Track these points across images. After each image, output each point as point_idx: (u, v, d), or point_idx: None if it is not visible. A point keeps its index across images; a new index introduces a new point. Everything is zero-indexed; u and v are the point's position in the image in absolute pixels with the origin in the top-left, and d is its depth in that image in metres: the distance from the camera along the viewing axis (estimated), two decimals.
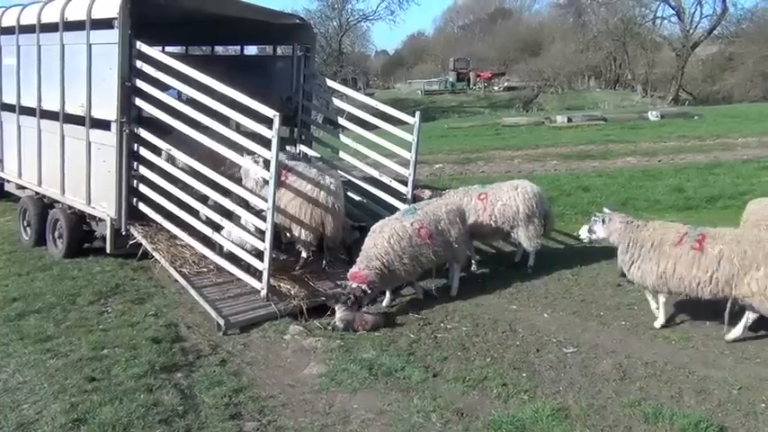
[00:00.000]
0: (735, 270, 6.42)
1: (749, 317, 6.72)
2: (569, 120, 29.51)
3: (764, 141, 21.19)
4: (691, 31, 51.56)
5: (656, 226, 7.07)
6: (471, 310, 7.72)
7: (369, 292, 7.34)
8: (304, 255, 8.46)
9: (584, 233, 7.54)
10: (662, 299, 7.09)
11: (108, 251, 9.07)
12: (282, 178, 8.00)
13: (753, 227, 7.50)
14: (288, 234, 8.44)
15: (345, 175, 10.42)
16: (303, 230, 8.22)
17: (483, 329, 7.13)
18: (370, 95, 15.72)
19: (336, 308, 7.31)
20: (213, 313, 7.23)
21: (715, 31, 51.64)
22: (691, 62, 51.53)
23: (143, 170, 8.59)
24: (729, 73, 49.52)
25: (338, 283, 7.67)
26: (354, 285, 7.28)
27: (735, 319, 6.80)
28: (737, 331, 6.76)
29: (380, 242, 7.56)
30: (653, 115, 30.40)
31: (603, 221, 7.25)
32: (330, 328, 7.18)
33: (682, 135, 23.41)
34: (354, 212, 9.65)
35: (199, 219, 8.26)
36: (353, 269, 7.48)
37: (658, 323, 7.14)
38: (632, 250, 6.97)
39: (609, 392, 5.71)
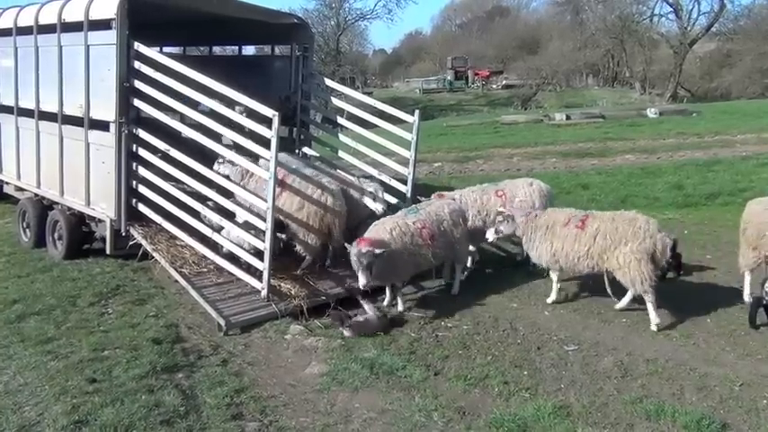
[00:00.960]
0: (607, 245, 7.12)
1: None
2: (568, 117, 29.57)
3: (763, 138, 21.22)
4: (688, 29, 51.68)
5: (550, 212, 7.78)
6: (472, 308, 7.71)
7: (378, 254, 7.06)
8: (309, 258, 8.36)
9: (490, 235, 8.05)
10: (554, 276, 7.77)
11: (108, 252, 9.06)
12: (288, 181, 8.04)
13: (757, 232, 7.45)
14: (293, 238, 8.36)
15: (345, 175, 10.42)
16: (311, 235, 8.16)
17: (484, 328, 7.12)
18: (369, 94, 15.72)
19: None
20: (214, 314, 7.23)
21: (713, 28, 51.77)
22: (689, 59, 51.59)
23: (142, 171, 8.57)
24: (727, 70, 49.61)
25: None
26: (365, 250, 7.06)
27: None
28: (624, 301, 7.42)
29: (382, 233, 7.48)
30: (651, 113, 30.45)
31: (508, 221, 7.87)
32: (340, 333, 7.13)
33: (680, 132, 23.44)
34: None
35: (199, 219, 8.25)
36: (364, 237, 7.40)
37: (550, 299, 7.83)
38: (532, 236, 7.66)
39: (610, 390, 5.71)
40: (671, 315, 7.37)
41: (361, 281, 7.04)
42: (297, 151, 10.67)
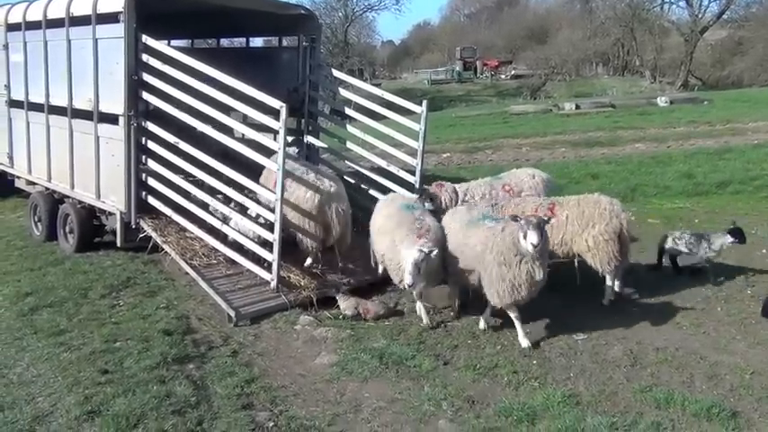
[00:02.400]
0: (575, 229, 7.21)
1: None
2: (577, 107, 29.40)
3: None
4: (699, 16, 51.11)
5: (516, 201, 7.69)
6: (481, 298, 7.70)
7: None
8: (309, 261, 8.31)
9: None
10: None
11: (118, 245, 9.13)
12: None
13: None
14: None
15: (353, 166, 10.43)
16: (306, 238, 8.08)
17: (493, 318, 7.12)
18: (377, 86, 15.68)
19: (338, 297, 7.43)
20: (224, 305, 7.27)
21: (724, 16, 51.15)
22: (699, 47, 51.05)
23: (152, 163, 8.62)
24: (739, 57, 49.09)
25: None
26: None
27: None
28: (608, 293, 7.43)
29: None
30: (662, 101, 30.21)
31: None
32: (341, 317, 7.21)
33: (691, 120, 23.26)
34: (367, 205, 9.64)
35: (208, 211, 8.29)
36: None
37: None
38: None
39: (620, 378, 5.71)
40: (681, 304, 7.34)
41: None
42: (303, 141, 10.66)
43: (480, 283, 6.53)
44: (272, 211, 7.56)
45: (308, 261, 8.31)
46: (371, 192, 9.72)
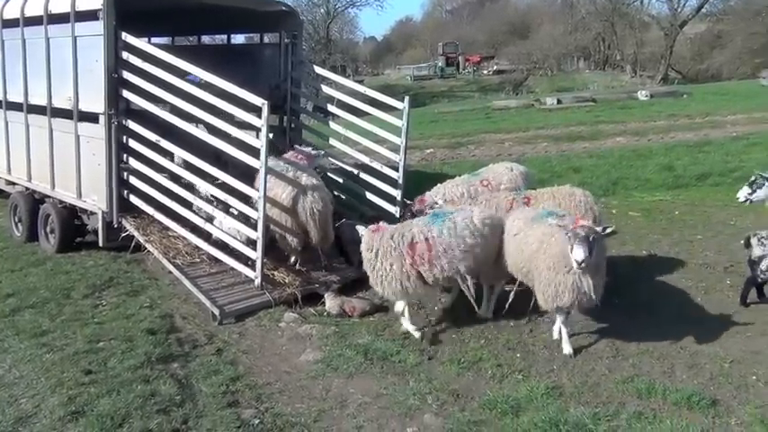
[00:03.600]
0: None
1: None
2: (559, 102, 29.57)
3: (753, 118, 21.29)
4: (679, 10, 51.64)
5: (487, 197, 7.69)
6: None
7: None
8: (292, 259, 8.30)
9: None
10: None
11: (101, 244, 9.06)
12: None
13: None
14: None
15: (336, 163, 10.43)
16: (288, 236, 8.04)
17: (476, 312, 7.16)
18: (360, 82, 15.68)
19: (326, 296, 7.42)
20: (208, 303, 7.25)
21: (703, 9, 51.67)
22: (679, 41, 51.56)
23: (133, 162, 8.56)
24: (718, 51, 49.62)
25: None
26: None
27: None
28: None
29: None
30: (642, 95, 30.50)
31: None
32: (326, 314, 7.23)
33: (671, 114, 23.50)
34: (352, 203, 9.65)
35: (191, 210, 8.25)
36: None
37: None
38: None
39: (602, 370, 5.78)
40: (661, 295, 7.44)
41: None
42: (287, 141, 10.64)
43: (532, 283, 6.32)
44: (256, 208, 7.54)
45: (292, 259, 8.31)
46: (354, 188, 9.73)
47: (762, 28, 45.42)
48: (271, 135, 8.94)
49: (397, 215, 9.01)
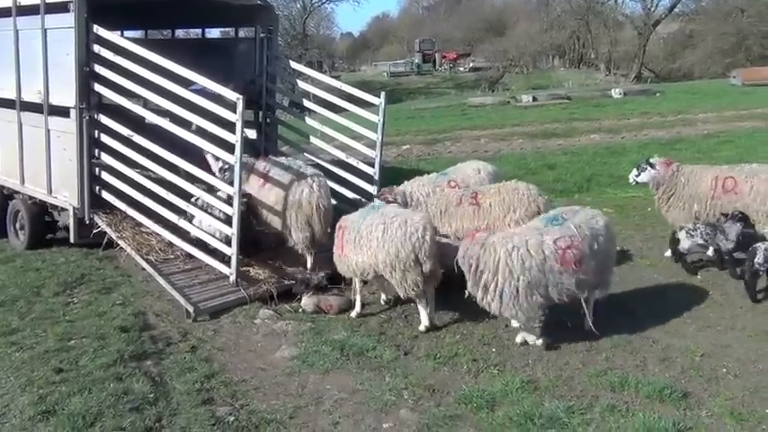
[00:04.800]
0: (497, 215, 7.44)
1: None
2: (534, 99, 29.80)
3: (724, 116, 21.68)
4: (652, 9, 52.22)
5: (438, 196, 7.88)
6: (440, 289, 7.76)
7: None
8: (310, 261, 8.13)
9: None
10: None
11: (72, 241, 8.92)
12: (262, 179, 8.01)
13: None
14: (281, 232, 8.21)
15: (312, 158, 10.39)
16: (294, 235, 8.02)
17: (452, 307, 7.17)
18: (336, 78, 15.57)
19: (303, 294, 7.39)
20: (182, 300, 7.18)
21: (675, 9, 52.41)
22: (652, 40, 52.21)
23: (105, 157, 8.43)
24: (690, 50, 50.28)
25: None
26: None
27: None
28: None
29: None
30: (616, 93, 30.85)
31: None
32: (301, 311, 7.20)
33: (644, 112, 23.82)
34: None
35: (164, 205, 8.14)
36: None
37: None
38: None
39: (576, 364, 5.83)
40: (634, 290, 7.53)
41: None
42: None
43: None
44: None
45: (309, 261, 8.13)
46: (331, 184, 9.69)
47: (732, 28, 46.17)
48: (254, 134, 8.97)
49: None
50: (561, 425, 4.83)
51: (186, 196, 7.98)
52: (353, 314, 7.04)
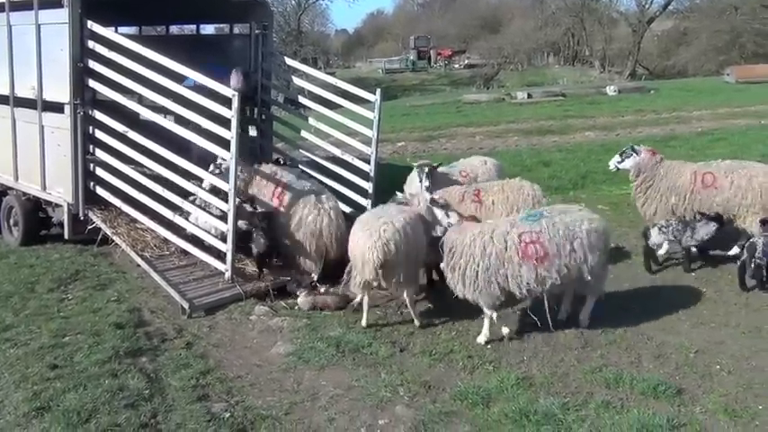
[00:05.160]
0: (500, 213, 7.50)
1: None
2: (529, 96, 29.86)
3: (718, 114, 21.75)
4: (646, 7, 52.33)
5: (441, 192, 7.77)
6: (436, 285, 7.77)
7: None
8: (315, 277, 7.93)
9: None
10: None
11: (66, 237, 8.88)
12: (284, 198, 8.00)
13: None
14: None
15: (307, 155, 10.37)
16: (307, 260, 7.95)
17: (448, 303, 7.18)
18: (331, 75, 15.55)
19: (298, 293, 7.36)
20: (177, 296, 7.16)
21: (670, 6, 52.52)
22: (647, 37, 52.31)
23: (100, 153, 8.40)
24: (684, 47, 50.46)
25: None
26: None
27: None
28: None
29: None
30: (611, 90, 30.92)
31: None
32: (296, 308, 7.19)
33: (639, 109, 23.88)
34: None
35: (159, 202, 8.12)
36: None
37: None
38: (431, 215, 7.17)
39: (571, 360, 5.85)
40: (629, 287, 7.56)
41: None
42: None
43: None
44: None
45: (315, 277, 7.95)
46: (327, 181, 9.67)
47: (726, 26, 46.37)
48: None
49: (369, 208, 8.99)
50: (556, 421, 4.84)
51: (181, 192, 7.95)
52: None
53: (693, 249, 8.05)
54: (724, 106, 23.50)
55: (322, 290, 7.46)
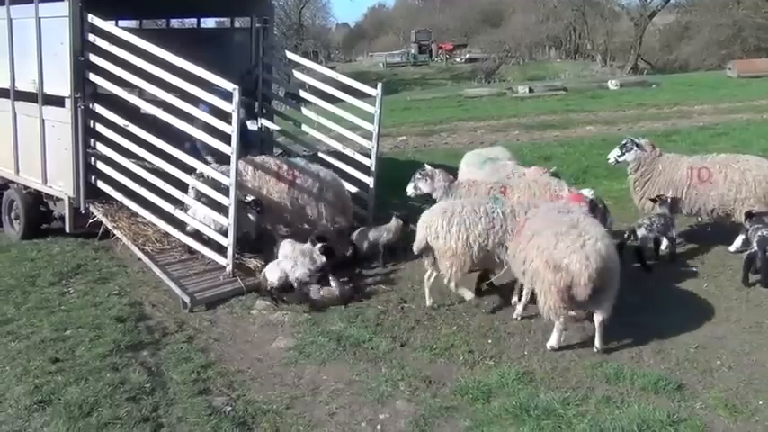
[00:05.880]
0: None
1: None
2: (531, 90, 29.74)
3: (720, 108, 21.66)
4: (648, 1, 52.11)
5: (470, 183, 7.88)
6: (436, 280, 7.76)
7: None
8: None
9: (410, 190, 8.08)
10: None
11: (67, 231, 8.88)
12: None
13: None
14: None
15: (308, 149, 10.37)
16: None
17: (449, 298, 7.19)
18: (332, 69, 15.52)
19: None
20: (178, 290, 7.17)
21: (672, 0, 52.31)
22: (648, 31, 52.10)
23: (100, 147, 8.39)
24: (686, 42, 50.25)
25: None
26: None
27: None
28: None
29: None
30: (612, 84, 30.83)
31: (427, 179, 7.87)
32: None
33: (640, 103, 23.78)
34: None
35: (160, 196, 8.11)
36: None
37: None
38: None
39: (572, 355, 5.85)
40: (629, 282, 7.54)
41: None
42: (258, 126, 10.53)
43: None
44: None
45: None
46: None
47: (728, 20, 46.14)
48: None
49: (370, 202, 9.01)
50: (557, 416, 4.85)
51: (182, 186, 7.94)
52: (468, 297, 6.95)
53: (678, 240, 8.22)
54: (726, 101, 23.40)
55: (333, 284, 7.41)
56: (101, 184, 8.49)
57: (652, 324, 6.41)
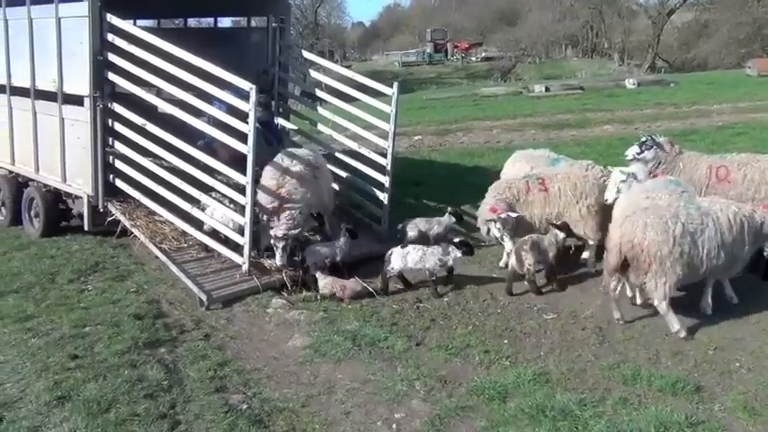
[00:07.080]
0: (569, 200, 7.67)
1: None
2: (547, 89, 29.57)
3: (739, 107, 21.41)
4: None
5: (507, 185, 7.93)
6: (452, 279, 7.76)
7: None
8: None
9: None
10: (509, 242, 7.72)
11: (86, 229, 8.97)
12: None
13: None
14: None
15: (324, 148, 10.38)
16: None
17: (464, 298, 7.19)
18: (348, 68, 15.52)
19: (317, 276, 7.37)
20: (195, 289, 7.21)
21: None
22: (666, 30, 51.66)
23: (119, 146, 8.46)
24: (704, 40, 49.75)
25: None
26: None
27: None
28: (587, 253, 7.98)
29: None
30: (630, 83, 30.56)
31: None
32: (315, 299, 7.18)
33: (658, 102, 23.59)
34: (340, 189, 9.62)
35: (178, 194, 8.16)
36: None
37: (503, 262, 8.04)
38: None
39: (588, 356, 5.82)
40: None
41: None
42: (276, 125, 10.57)
43: None
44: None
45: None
46: (343, 174, 9.70)
47: (748, 18, 45.62)
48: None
49: (385, 201, 9.00)
50: (573, 417, 4.83)
51: (199, 185, 7.98)
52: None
53: None
54: (745, 100, 23.14)
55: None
56: (119, 183, 8.56)
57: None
